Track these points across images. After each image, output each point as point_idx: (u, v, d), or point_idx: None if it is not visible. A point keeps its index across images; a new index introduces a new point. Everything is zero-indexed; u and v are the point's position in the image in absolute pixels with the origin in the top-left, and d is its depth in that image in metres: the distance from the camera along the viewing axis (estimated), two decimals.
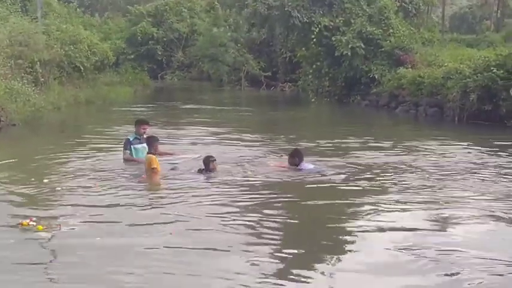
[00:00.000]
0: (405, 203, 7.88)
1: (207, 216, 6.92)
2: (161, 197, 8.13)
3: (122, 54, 41.54)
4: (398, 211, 7.51)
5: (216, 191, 8.24)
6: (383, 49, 24.98)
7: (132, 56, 42.89)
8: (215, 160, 9.28)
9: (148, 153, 9.30)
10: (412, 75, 22.18)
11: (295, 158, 9.64)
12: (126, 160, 10.12)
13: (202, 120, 19.04)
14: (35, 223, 6.37)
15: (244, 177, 9.20)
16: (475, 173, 9.95)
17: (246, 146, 12.81)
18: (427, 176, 9.59)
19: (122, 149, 10.26)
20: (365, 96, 25.59)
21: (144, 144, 9.92)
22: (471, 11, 46.88)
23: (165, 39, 45.23)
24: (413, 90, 21.77)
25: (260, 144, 13.13)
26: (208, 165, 9.16)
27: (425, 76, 21.21)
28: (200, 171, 9.20)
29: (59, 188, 8.28)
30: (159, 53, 44.73)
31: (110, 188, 8.29)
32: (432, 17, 35.80)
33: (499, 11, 38.56)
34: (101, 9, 55.54)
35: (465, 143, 13.52)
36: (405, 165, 10.51)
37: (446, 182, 9.16)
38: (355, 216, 7.13)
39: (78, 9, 38.25)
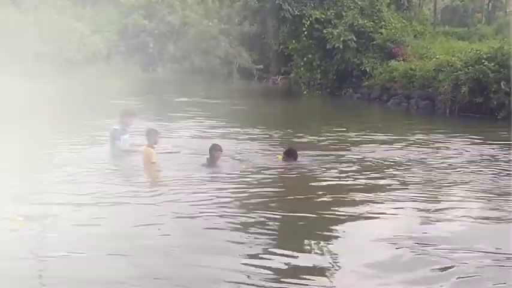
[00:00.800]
0: (400, 196, 7.86)
1: (202, 213, 6.84)
2: (158, 193, 7.87)
3: (114, 47, 41.32)
4: (394, 204, 7.50)
5: (213, 186, 8.17)
6: (375, 42, 25.02)
7: (124, 49, 42.64)
8: (220, 150, 9.22)
9: (147, 146, 9.21)
10: (404, 68, 22.25)
11: (290, 157, 9.65)
12: (124, 151, 9.73)
13: (196, 113, 18.95)
14: (21, 218, 6.18)
15: (240, 171, 9.15)
16: (466, 165, 10.01)
17: (242, 139, 12.76)
18: (420, 168, 9.64)
19: (112, 140, 9.81)
20: (357, 89, 25.64)
21: (128, 135, 9.83)
22: (463, 4, 46.87)
23: (156, 31, 44.97)
24: (405, 83, 21.85)
25: (255, 138, 13.08)
26: (212, 153, 9.13)
27: (417, 69, 21.29)
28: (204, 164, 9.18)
29: (47, 182, 8.20)
30: (151, 45, 44.47)
31: (102, 182, 8.16)
32: (424, 10, 35.85)
33: (490, 4, 38.71)
34: (92, 1, 55.10)
35: (457, 135, 13.62)
36: (398, 158, 10.56)
37: (439, 174, 9.20)
38: (351, 210, 7.09)
39: (69, 1, 37.96)
